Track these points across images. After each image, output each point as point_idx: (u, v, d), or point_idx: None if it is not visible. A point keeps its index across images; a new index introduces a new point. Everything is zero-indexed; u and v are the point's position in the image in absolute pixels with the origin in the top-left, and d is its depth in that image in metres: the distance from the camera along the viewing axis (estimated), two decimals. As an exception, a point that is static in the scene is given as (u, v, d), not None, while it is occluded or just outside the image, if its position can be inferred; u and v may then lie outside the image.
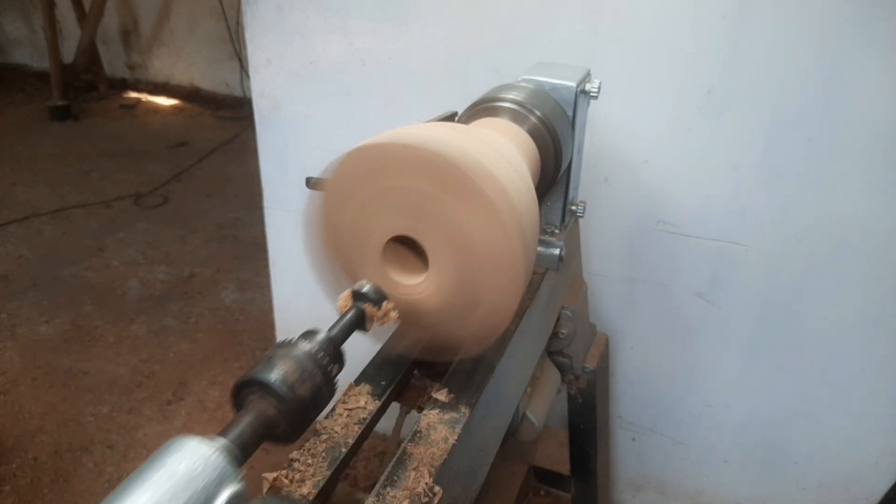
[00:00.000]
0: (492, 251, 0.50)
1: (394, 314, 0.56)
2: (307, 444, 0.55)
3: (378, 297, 0.55)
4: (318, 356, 0.48)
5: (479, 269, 0.51)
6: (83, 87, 4.27)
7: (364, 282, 0.55)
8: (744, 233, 1.18)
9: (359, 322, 0.54)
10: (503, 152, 0.55)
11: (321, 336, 0.50)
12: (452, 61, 1.22)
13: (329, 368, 0.48)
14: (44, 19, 3.74)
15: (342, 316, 0.54)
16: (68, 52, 4.10)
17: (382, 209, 0.51)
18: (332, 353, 0.50)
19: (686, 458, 1.47)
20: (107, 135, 3.77)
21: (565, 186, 0.86)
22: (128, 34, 4.50)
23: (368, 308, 0.55)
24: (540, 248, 0.84)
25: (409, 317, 0.56)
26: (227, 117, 4.04)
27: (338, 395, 0.62)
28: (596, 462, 1.22)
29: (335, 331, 0.52)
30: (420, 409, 0.65)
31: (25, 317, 2.21)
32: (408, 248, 0.54)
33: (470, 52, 1.20)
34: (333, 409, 0.59)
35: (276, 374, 0.45)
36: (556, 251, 0.83)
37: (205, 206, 3.01)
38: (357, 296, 0.55)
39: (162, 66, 4.52)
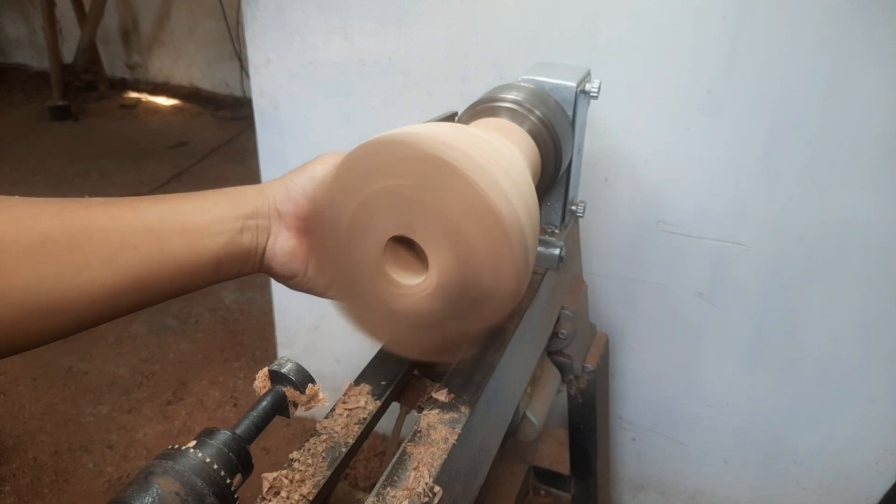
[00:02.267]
0: (491, 248, 0.50)
1: (322, 397, 0.49)
2: (307, 444, 0.55)
3: (301, 380, 0.47)
4: (212, 468, 0.39)
5: (478, 267, 0.51)
6: (83, 88, 4.27)
7: (284, 359, 0.49)
8: (744, 233, 1.18)
9: (278, 408, 0.47)
10: (503, 151, 0.55)
11: (221, 437, 0.42)
12: (452, 61, 1.22)
13: (227, 481, 0.40)
14: (44, 19, 3.74)
15: (257, 403, 0.47)
16: (68, 52, 4.10)
17: (378, 210, 0.51)
18: (236, 457, 0.41)
19: (686, 458, 1.47)
20: (107, 135, 3.77)
21: (565, 186, 0.86)
22: (128, 34, 4.50)
23: (290, 392, 0.47)
24: (540, 248, 0.84)
25: (411, 317, 0.56)
26: (227, 117, 4.04)
27: (338, 395, 0.62)
28: (596, 462, 1.22)
29: (242, 427, 0.44)
30: (420, 409, 0.65)
31: (25, 317, 2.21)
32: (407, 248, 0.54)
33: (470, 52, 1.20)
34: (333, 409, 0.59)
35: (148, 498, 0.36)
36: (556, 251, 0.84)
37: (205, 206, 3.01)
38: (275, 377, 0.48)
39: (162, 66, 4.53)
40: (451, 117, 0.77)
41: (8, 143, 3.59)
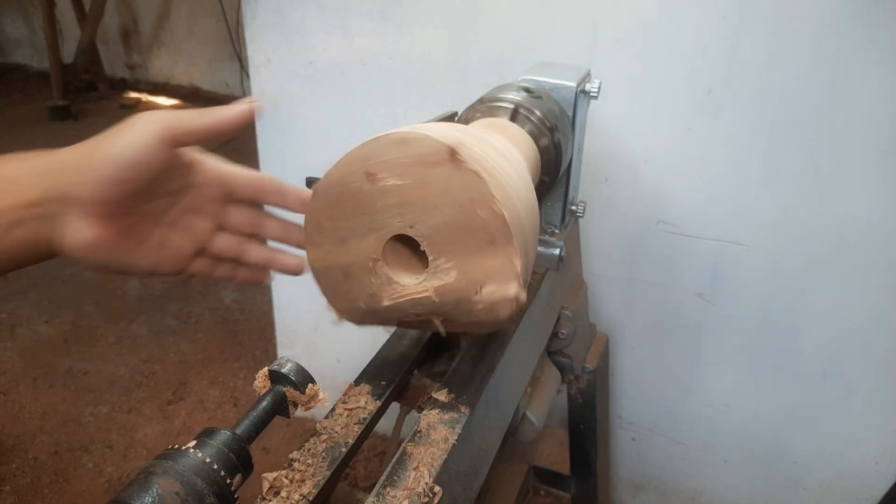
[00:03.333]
0: (492, 246, 0.50)
1: (322, 397, 0.49)
2: (307, 444, 0.55)
3: (301, 380, 0.48)
4: (212, 468, 0.40)
5: (479, 265, 0.51)
6: (83, 88, 4.27)
7: (284, 359, 0.49)
8: (744, 233, 1.18)
9: (278, 408, 0.48)
10: (502, 151, 0.55)
11: (221, 437, 0.42)
12: (452, 61, 1.22)
13: (227, 481, 0.40)
14: (44, 19, 3.74)
15: (257, 403, 0.47)
16: (68, 52, 4.10)
17: (379, 208, 0.51)
18: (236, 456, 0.42)
19: (686, 458, 1.47)
20: (107, 135, 3.78)
21: (565, 186, 0.86)
22: (128, 34, 4.50)
23: (290, 392, 0.48)
24: (540, 248, 0.84)
25: (412, 314, 0.56)
26: (227, 117, 4.04)
27: (338, 395, 0.62)
28: (596, 462, 1.22)
29: (242, 427, 0.45)
30: (420, 409, 0.65)
31: (25, 317, 2.22)
32: (406, 246, 0.54)
33: (470, 52, 1.20)
34: (333, 409, 0.59)
35: (148, 498, 0.36)
36: (556, 251, 0.84)
37: (205, 206, 3.01)
38: (275, 377, 0.48)
39: (162, 66, 4.53)
40: (450, 117, 0.77)
41: (8, 143, 3.59)
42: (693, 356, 1.34)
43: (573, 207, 0.90)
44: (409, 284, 0.54)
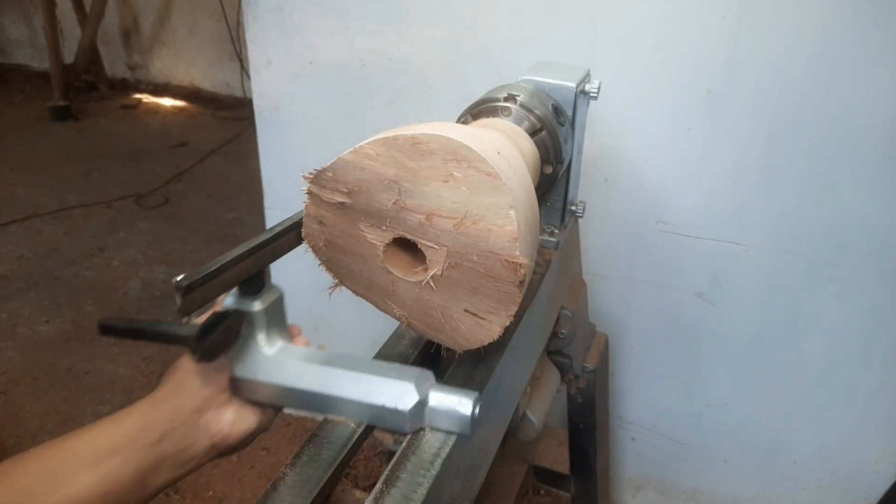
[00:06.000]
0: (491, 243, 0.50)
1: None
2: (308, 444, 0.55)
3: None
4: None
5: (478, 264, 0.51)
6: (84, 88, 4.27)
7: None
8: (744, 233, 1.18)
9: None
10: (502, 151, 0.55)
11: None
12: (452, 61, 1.22)
13: None
14: (44, 20, 3.74)
15: None
16: (69, 52, 4.10)
17: (379, 210, 0.51)
18: None
19: (685, 458, 1.47)
20: (107, 135, 3.78)
21: (565, 186, 0.86)
22: (128, 35, 4.51)
23: None
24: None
25: (416, 311, 0.57)
26: (228, 118, 4.04)
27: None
28: (596, 461, 1.22)
29: None
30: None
31: (26, 317, 2.22)
32: (407, 246, 0.55)
33: (470, 53, 1.20)
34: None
35: None
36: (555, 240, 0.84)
37: (205, 206, 3.01)
38: None
39: (163, 66, 4.53)
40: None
41: (8, 143, 3.60)
42: (693, 356, 1.34)
43: (573, 207, 0.91)
44: (410, 281, 0.55)
